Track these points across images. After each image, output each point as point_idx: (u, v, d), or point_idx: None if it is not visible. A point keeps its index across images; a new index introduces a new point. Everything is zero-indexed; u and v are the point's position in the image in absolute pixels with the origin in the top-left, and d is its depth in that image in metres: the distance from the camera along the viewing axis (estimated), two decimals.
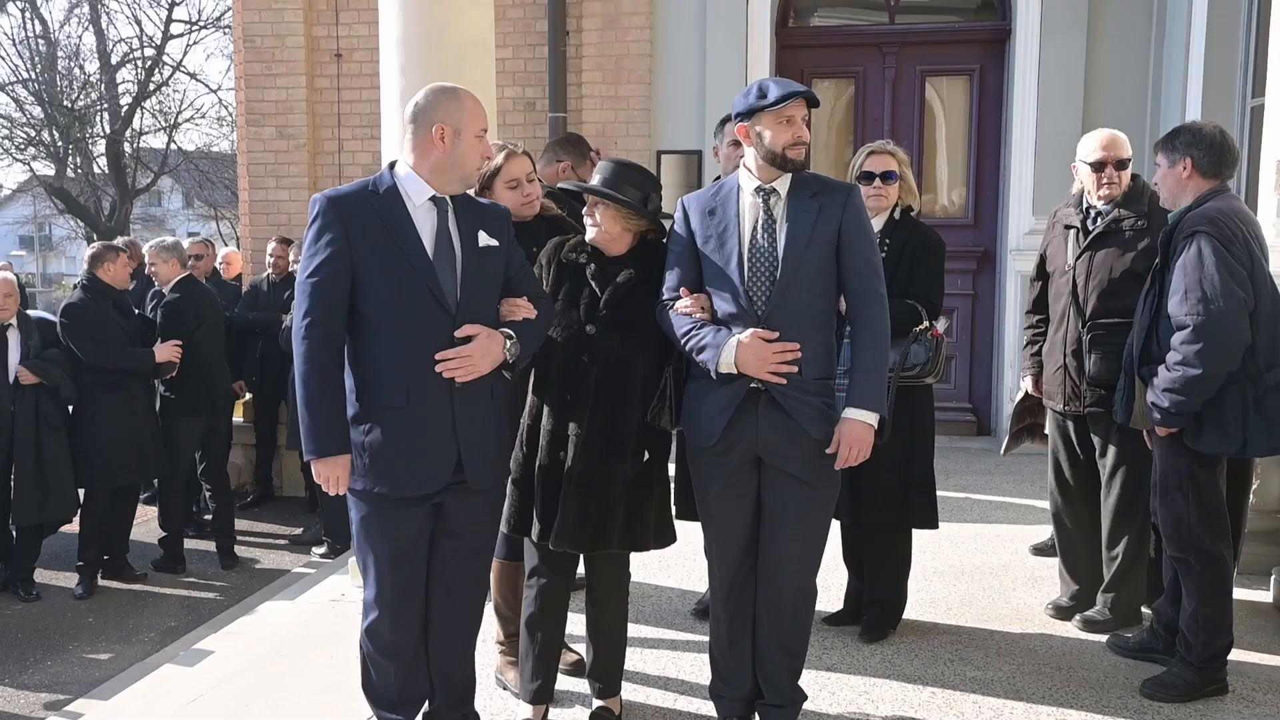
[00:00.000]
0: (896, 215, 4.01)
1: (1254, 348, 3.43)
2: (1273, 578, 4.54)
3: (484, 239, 3.00)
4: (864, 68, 7.98)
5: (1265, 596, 4.53)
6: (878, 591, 4.18)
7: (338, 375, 2.89)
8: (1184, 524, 3.59)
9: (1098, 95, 7.32)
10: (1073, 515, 4.38)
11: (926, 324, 3.82)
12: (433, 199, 2.96)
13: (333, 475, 2.90)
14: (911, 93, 7.96)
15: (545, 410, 3.27)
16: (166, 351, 6.43)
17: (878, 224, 3.88)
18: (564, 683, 3.67)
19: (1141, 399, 3.62)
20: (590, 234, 3.28)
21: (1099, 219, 4.10)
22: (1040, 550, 5.22)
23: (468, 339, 2.91)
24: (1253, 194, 5.62)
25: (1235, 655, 3.73)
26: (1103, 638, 4.13)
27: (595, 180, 3.28)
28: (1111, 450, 4.11)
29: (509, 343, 2.97)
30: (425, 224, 2.94)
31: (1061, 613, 4.40)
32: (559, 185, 3.32)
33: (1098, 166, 4.07)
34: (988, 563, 5.10)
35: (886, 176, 3.96)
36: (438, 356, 2.87)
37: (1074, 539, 4.39)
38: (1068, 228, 4.21)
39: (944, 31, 8.00)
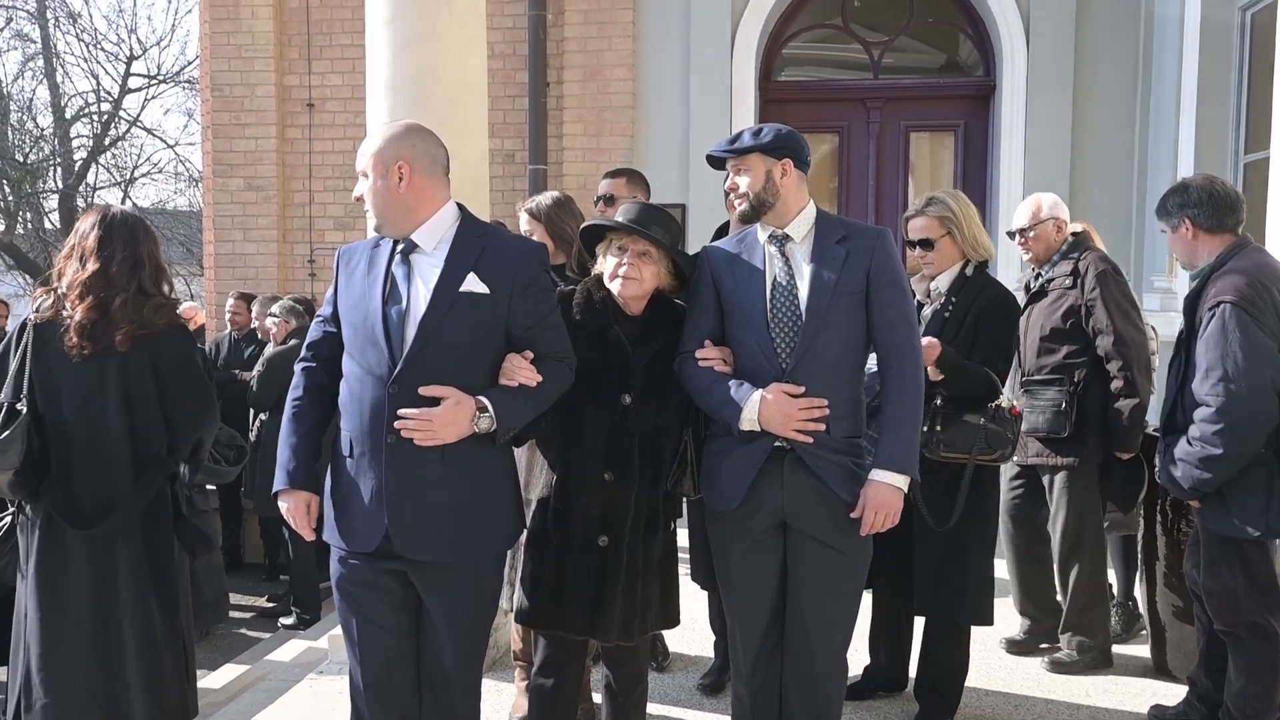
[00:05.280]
0: (969, 272, 3.65)
1: None
2: None
3: (470, 283, 2.65)
4: (848, 122, 7.90)
5: None
6: (930, 675, 3.78)
7: (314, 414, 2.83)
8: (1233, 598, 3.40)
9: (1084, 152, 7.27)
10: (1018, 555, 4.48)
11: (1008, 401, 3.50)
12: (395, 242, 2.73)
13: (288, 510, 2.80)
14: (896, 148, 7.88)
15: (564, 485, 2.94)
16: None
17: (944, 281, 3.66)
18: None
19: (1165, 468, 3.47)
20: (621, 288, 2.93)
21: (1039, 278, 4.34)
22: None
23: (435, 401, 2.60)
24: None
25: None
26: (1142, 709, 3.89)
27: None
28: (1056, 491, 4.23)
29: (479, 415, 2.62)
30: (395, 268, 2.72)
31: (1015, 646, 4.47)
32: (589, 222, 3.01)
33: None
34: None
35: (924, 245, 3.65)
36: (400, 413, 2.60)
37: (1020, 576, 4.50)
38: (1026, 289, 4.40)
39: (929, 87, 7.97)
